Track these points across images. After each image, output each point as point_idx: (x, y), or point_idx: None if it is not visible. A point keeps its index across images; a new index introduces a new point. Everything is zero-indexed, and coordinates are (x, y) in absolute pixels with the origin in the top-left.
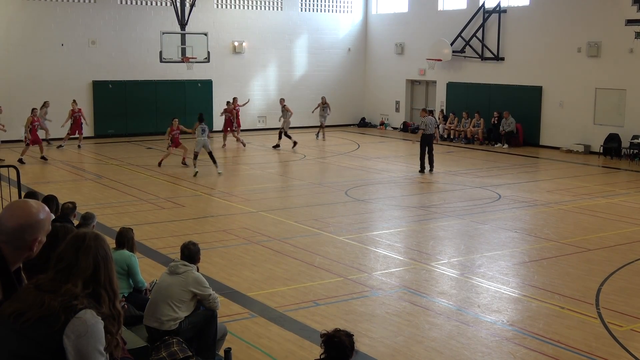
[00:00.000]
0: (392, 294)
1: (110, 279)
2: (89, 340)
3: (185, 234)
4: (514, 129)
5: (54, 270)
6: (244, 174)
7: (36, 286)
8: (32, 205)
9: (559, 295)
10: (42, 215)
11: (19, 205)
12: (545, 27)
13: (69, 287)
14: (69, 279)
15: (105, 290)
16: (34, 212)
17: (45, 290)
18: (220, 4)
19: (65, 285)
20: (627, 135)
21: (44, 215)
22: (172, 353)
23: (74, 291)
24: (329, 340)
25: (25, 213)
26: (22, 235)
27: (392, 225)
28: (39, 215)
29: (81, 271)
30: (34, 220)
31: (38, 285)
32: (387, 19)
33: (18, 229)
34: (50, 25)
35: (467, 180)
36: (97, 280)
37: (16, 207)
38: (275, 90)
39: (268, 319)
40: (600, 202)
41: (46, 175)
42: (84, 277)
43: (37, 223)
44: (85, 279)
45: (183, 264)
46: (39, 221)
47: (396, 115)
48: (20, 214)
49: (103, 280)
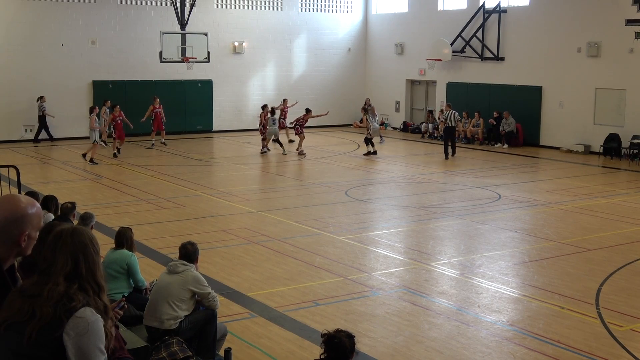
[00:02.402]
0: (392, 294)
1: (92, 272)
2: (90, 338)
3: (186, 234)
4: (514, 129)
5: (38, 272)
6: (244, 173)
7: (20, 291)
8: (21, 200)
9: (559, 295)
10: (30, 210)
11: (6, 198)
12: (545, 27)
13: (50, 287)
14: (49, 279)
15: (89, 283)
16: (22, 206)
17: (29, 295)
18: (220, 4)
19: (47, 287)
20: (627, 135)
21: (32, 210)
22: (172, 353)
23: (58, 290)
24: (329, 341)
25: (11, 206)
26: (8, 228)
27: (392, 225)
28: (27, 209)
29: (60, 268)
30: (20, 214)
31: (22, 290)
32: (387, 19)
33: (4, 223)
34: (50, 25)
35: (467, 180)
36: (79, 274)
37: (4, 200)
38: (275, 90)
39: (268, 318)
40: (600, 202)
41: (46, 175)
42: (64, 274)
43: (24, 217)
44: (65, 275)
45: (182, 263)
46: (26, 215)
47: (396, 115)
48: (6, 207)
49: (84, 273)
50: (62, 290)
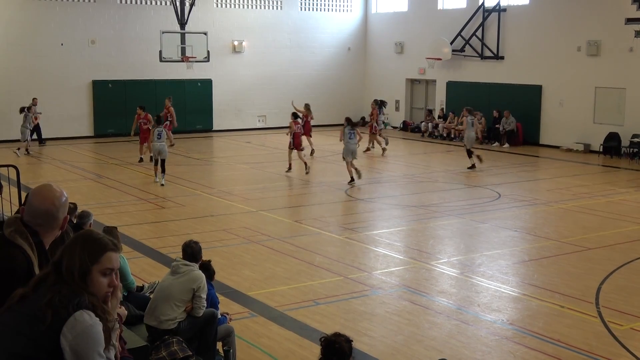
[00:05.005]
0: (392, 293)
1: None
2: (87, 341)
3: (186, 234)
4: (514, 127)
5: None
6: (244, 173)
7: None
8: (55, 188)
9: (559, 294)
10: (65, 195)
11: (47, 188)
12: (545, 26)
13: (52, 288)
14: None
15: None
16: (58, 193)
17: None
18: (220, 3)
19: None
20: (626, 134)
21: (65, 194)
22: (172, 352)
23: (60, 292)
24: (330, 345)
25: (56, 194)
26: (56, 214)
27: (392, 224)
28: (64, 195)
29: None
30: (62, 201)
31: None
32: (387, 18)
33: (53, 210)
34: (50, 25)
35: (467, 179)
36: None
37: (46, 190)
38: (275, 90)
39: (268, 318)
40: (600, 200)
41: (46, 175)
42: (65, 274)
43: (65, 203)
44: (66, 275)
45: (184, 264)
46: (66, 200)
47: (396, 114)
48: (50, 195)
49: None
50: (63, 292)
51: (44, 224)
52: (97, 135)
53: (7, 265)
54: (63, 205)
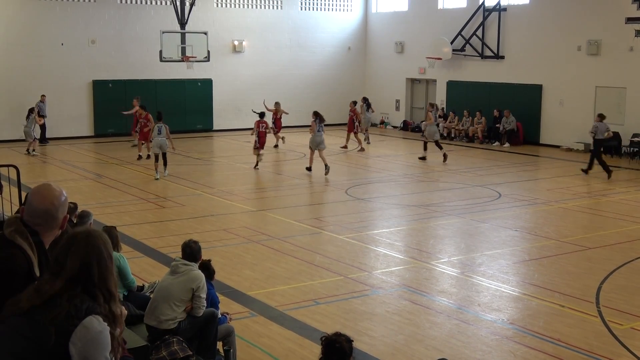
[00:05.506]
0: (393, 293)
1: (104, 278)
2: (97, 348)
3: (186, 233)
4: (515, 127)
5: (49, 273)
6: (244, 173)
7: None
8: (54, 188)
9: (559, 294)
10: (64, 194)
11: (47, 188)
12: (545, 25)
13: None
14: (56, 281)
15: (100, 289)
16: (58, 192)
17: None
18: (220, 3)
19: (55, 291)
20: (627, 133)
21: (65, 194)
22: (172, 352)
23: (66, 296)
24: (330, 345)
25: (55, 194)
26: (56, 214)
27: (392, 223)
28: (63, 194)
29: (67, 271)
30: (62, 201)
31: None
32: (387, 17)
33: (53, 210)
34: (50, 25)
35: (467, 178)
36: (88, 279)
37: (45, 190)
38: (275, 90)
39: (268, 317)
40: (600, 200)
41: (46, 174)
42: (68, 277)
43: (64, 203)
44: (69, 278)
45: (183, 263)
46: (66, 199)
47: (396, 114)
48: (49, 195)
49: (97, 279)
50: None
51: (43, 223)
52: (97, 135)
53: (7, 265)
54: (62, 204)
